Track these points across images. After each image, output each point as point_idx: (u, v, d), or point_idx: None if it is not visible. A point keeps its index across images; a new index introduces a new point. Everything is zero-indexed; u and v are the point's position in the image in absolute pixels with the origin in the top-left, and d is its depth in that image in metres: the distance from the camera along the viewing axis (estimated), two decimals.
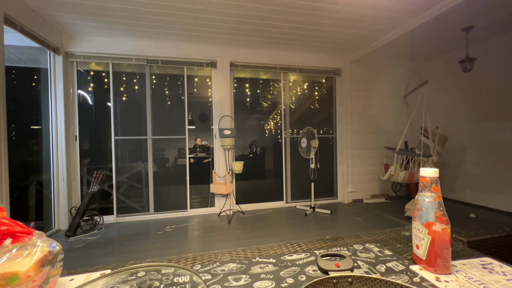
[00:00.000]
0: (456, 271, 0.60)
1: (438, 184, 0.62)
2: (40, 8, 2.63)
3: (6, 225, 0.48)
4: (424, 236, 0.61)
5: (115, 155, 3.52)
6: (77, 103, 3.38)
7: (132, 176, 3.70)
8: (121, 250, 2.52)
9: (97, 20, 2.90)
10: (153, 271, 0.60)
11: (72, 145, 3.34)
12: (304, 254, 0.70)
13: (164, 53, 3.55)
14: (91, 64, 3.51)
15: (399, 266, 0.62)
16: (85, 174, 3.51)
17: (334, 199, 4.43)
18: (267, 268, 0.63)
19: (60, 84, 3.13)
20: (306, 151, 3.79)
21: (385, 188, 4.53)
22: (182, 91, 3.77)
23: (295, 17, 2.91)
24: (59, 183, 3.13)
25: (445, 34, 3.42)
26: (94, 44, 3.32)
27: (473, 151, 3.86)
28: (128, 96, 3.69)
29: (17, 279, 0.43)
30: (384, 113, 4.48)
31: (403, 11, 2.83)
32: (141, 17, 2.84)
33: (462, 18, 2.99)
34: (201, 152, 5.77)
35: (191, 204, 3.80)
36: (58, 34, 3.10)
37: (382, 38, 3.50)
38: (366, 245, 0.76)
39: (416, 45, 3.64)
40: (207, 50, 3.71)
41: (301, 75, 4.30)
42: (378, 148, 4.33)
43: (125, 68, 3.63)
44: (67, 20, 2.88)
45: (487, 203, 3.66)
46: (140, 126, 3.66)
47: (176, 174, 3.95)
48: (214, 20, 2.94)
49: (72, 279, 0.59)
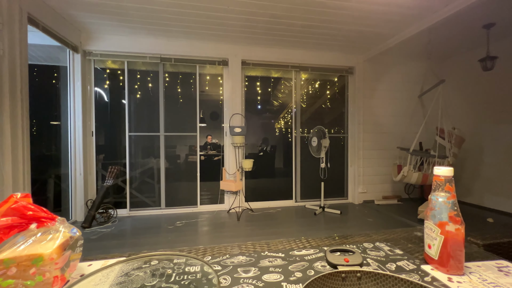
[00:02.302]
0: (470, 273, 0.58)
1: (452, 183, 0.61)
2: (60, 7, 2.74)
3: (32, 211, 0.51)
4: (436, 236, 0.60)
5: (129, 150, 3.62)
6: (94, 100, 3.50)
7: (144, 171, 3.79)
8: (134, 243, 2.61)
9: (113, 19, 2.99)
10: (165, 260, 0.63)
11: (89, 140, 3.46)
12: (313, 250, 0.70)
13: (177, 51, 3.61)
14: (107, 62, 3.63)
15: (409, 265, 0.62)
16: (100, 168, 3.63)
17: (344, 200, 4.38)
18: (275, 262, 0.64)
19: (79, 81, 3.25)
20: (317, 150, 3.76)
21: (397, 190, 4.43)
22: (194, 89, 3.83)
23: (307, 14, 2.88)
24: (76, 176, 3.26)
25: (465, 31, 3.28)
26: (110, 43, 3.43)
27: (492, 153, 3.70)
28: (142, 93, 3.78)
29: (41, 261, 0.46)
30: (398, 113, 4.37)
31: (420, 8, 2.74)
32: (155, 16, 2.90)
33: (483, 14, 2.86)
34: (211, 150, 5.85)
35: (201, 200, 3.86)
36: (76, 33, 3.22)
37: (397, 36, 3.40)
38: (376, 244, 0.75)
39: (433, 43, 3.52)
40: (219, 48, 3.74)
41: (313, 74, 4.25)
42: (391, 148, 4.23)
43: (139, 66, 3.72)
44: (85, 19, 2.99)
45: (506, 208, 3.50)
46: (153, 123, 3.74)
47: (187, 170, 4.02)
48: (226, 18, 2.96)
49: (90, 264, 0.63)
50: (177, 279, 0.53)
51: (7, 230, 0.49)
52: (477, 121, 3.90)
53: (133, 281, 0.52)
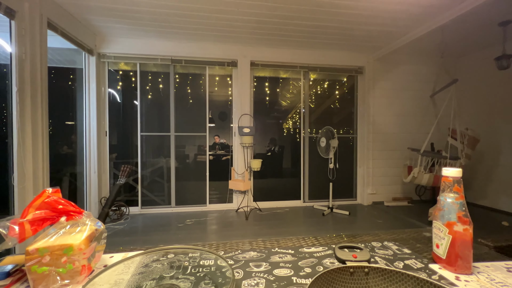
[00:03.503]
0: (478, 272, 0.59)
1: (461, 184, 0.62)
2: (77, 12, 2.85)
3: (62, 205, 0.56)
4: (444, 236, 0.61)
5: (140, 150, 3.72)
6: (107, 101, 3.62)
7: (155, 170, 3.89)
8: (146, 239, 2.68)
9: (126, 23, 3.09)
10: (181, 254, 0.66)
11: (103, 140, 3.58)
12: (322, 248, 0.72)
13: (187, 53, 3.69)
14: (120, 64, 3.74)
15: (417, 264, 0.63)
16: (112, 167, 3.75)
17: (353, 201, 4.34)
18: (286, 258, 0.66)
19: (93, 83, 3.37)
20: (325, 151, 3.75)
21: (408, 191, 4.35)
22: (203, 90, 3.89)
23: (316, 15, 2.88)
24: (91, 175, 3.38)
25: (479, 29, 3.20)
26: (124, 45, 3.53)
27: (507, 155, 3.59)
28: (153, 94, 3.88)
29: (72, 251, 0.50)
30: (409, 113, 4.29)
31: (433, 6, 2.69)
32: (167, 19, 2.98)
33: (499, 12, 2.78)
34: (219, 150, 5.91)
35: (210, 199, 3.92)
36: (92, 36, 3.33)
37: (408, 35, 3.35)
38: (385, 243, 0.76)
39: (446, 41, 3.44)
40: (228, 49, 3.79)
41: (322, 74, 4.24)
42: (401, 149, 4.16)
43: (150, 68, 3.82)
44: (100, 23, 3.09)
45: None
46: (164, 123, 3.83)
47: (196, 170, 4.09)
48: (235, 20, 3.00)
49: (111, 256, 0.67)
50: (192, 271, 0.57)
51: (41, 222, 0.53)
52: (492, 121, 3.78)
53: (152, 272, 0.56)
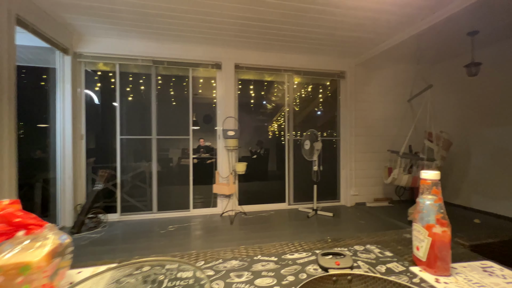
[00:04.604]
0: (456, 273, 0.60)
1: (439, 186, 0.63)
2: (51, 9, 2.69)
3: (20, 217, 0.50)
4: (424, 238, 0.62)
5: (120, 154, 3.57)
6: (84, 103, 3.44)
7: (136, 175, 3.74)
8: (125, 248, 2.56)
9: (105, 22, 2.96)
10: (157, 266, 0.62)
11: (79, 143, 3.39)
12: (305, 254, 0.71)
13: (169, 54, 3.60)
14: (98, 65, 3.58)
15: (399, 267, 0.63)
16: (90, 172, 3.56)
17: (337, 202, 4.42)
18: (268, 265, 0.64)
19: (68, 84, 3.19)
20: (309, 153, 3.79)
21: (388, 192, 4.50)
22: (187, 92, 3.81)
23: (299, 20, 2.92)
24: (65, 180, 3.19)
25: (451, 38, 3.40)
26: (102, 45, 3.39)
27: (478, 156, 3.82)
28: (133, 96, 3.74)
29: (29, 269, 0.45)
30: (389, 117, 4.46)
31: (409, 15, 2.82)
32: (148, 19, 2.89)
33: (467, 22, 2.97)
34: (204, 153, 5.81)
35: (193, 204, 3.83)
36: (67, 35, 3.17)
37: (387, 42, 3.49)
38: (367, 246, 0.76)
39: (422, 48, 3.62)
40: (212, 51, 3.74)
41: (306, 78, 4.31)
42: (382, 151, 4.30)
43: (131, 69, 3.69)
44: (77, 21, 2.95)
45: (492, 209, 3.61)
46: (145, 126, 3.70)
47: (180, 174, 3.98)
48: (219, 22, 2.98)
49: (79, 271, 0.61)
50: (169, 285, 0.53)
51: None
52: (464, 125, 4.02)
53: None
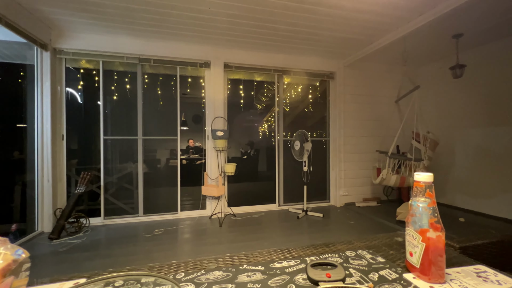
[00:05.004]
0: (451, 280, 0.58)
1: (432, 189, 0.60)
2: (27, 2, 2.54)
3: None
4: (418, 243, 0.59)
5: (103, 155, 3.42)
6: (65, 101, 3.28)
7: (122, 177, 3.60)
8: (107, 254, 2.44)
9: (87, 17, 2.83)
10: (132, 281, 0.56)
11: (59, 144, 3.23)
12: (294, 261, 0.67)
13: (156, 52, 3.49)
14: (81, 62, 3.42)
15: (392, 275, 0.60)
16: (73, 174, 3.40)
17: (326, 202, 4.43)
18: (254, 276, 0.59)
19: (48, 81, 3.03)
20: (299, 154, 3.78)
21: (377, 192, 4.56)
22: (175, 91, 3.71)
23: (289, 19, 2.90)
24: (44, 183, 3.02)
25: (436, 40, 3.48)
26: (84, 41, 3.24)
27: (462, 156, 3.93)
28: (119, 95, 3.61)
29: None
30: (377, 117, 4.52)
31: (396, 17, 2.86)
32: (133, 15, 2.78)
33: (452, 25, 3.05)
34: (193, 154, 5.70)
35: (182, 206, 3.73)
36: (46, 30, 3.01)
37: (375, 43, 3.53)
38: (359, 252, 0.73)
39: (408, 50, 3.69)
40: (201, 50, 3.67)
41: (295, 78, 4.30)
42: (371, 152, 4.36)
43: (116, 67, 3.55)
44: (56, 15, 2.80)
45: (476, 207, 3.72)
46: (131, 126, 3.57)
47: (167, 175, 3.87)
48: (208, 20, 2.91)
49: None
50: None
51: None
52: (449, 126, 4.13)
53: None
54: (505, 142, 3.31)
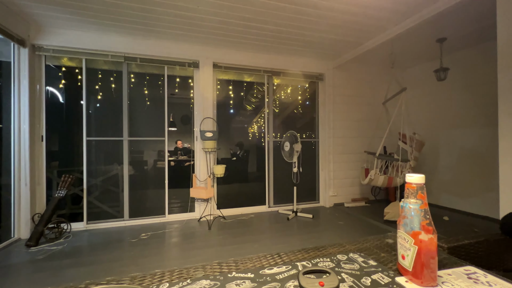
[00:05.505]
0: (442, 282, 0.57)
1: (424, 191, 0.59)
2: None
3: None
4: (410, 246, 0.58)
5: (86, 157, 3.28)
6: (44, 101, 3.12)
7: (107, 179, 3.47)
8: (89, 261, 2.32)
9: (69, 12, 2.71)
10: None
11: (38, 146, 3.06)
12: (285, 267, 0.64)
13: (143, 51, 3.40)
14: (62, 59, 3.27)
15: (384, 279, 0.59)
16: (54, 177, 3.24)
17: (316, 203, 4.45)
18: (243, 285, 0.56)
19: (25, 79, 2.87)
20: (289, 155, 3.78)
21: (365, 192, 4.63)
22: (163, 91, 3.62)
23: (278, 20, 2.90)
24: (21, 187, 2.85)
25: (422, 44, 3.58)
26: (66, 38, 3.10)
27: (447, 156, 4.06)
28: (103, 94, 3.47)
29: None
30: (365, 118, 4.60)
31: (384, 20, 2.92)
32: (117, 11, 2.69)
33: (436, 30, 3.14)
34: (182, 155, 5.59)
35: (169, 209, 3.63)
36: (24, 25, 2.85)
37: (363, 45, 3.59)
38: (350, 255, 0.72)
39: (395, 53, 3.78)
40: (190, 49, 3.60)
41: (285, 79, 4.30)
42: (359, 152, 4.42)
43: (100, 65, 3.42)
44: (35, 10, 2.66)
45: (459, 206, 3.84)
46: (117, 126, 3.45)
47: (155, 177, 3.76)
48: (197, 18, 2.86)
49: None
50: None
51: None
52: (434, 127, 4.25)
53: None
54: (486, 143, 3.44)
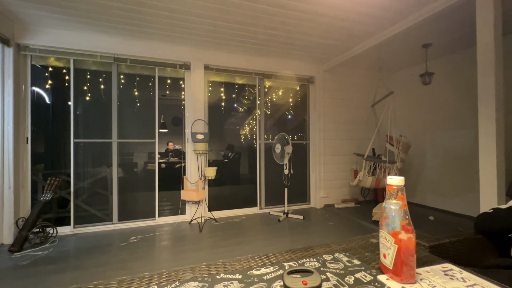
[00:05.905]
0: (421, 279, 0.60)
1: (403, 192, 0.62)
2: None
3: None
4: (391, 245, 0.60)
5: (74, 159, 3.21)
6: (30, 102, 3.03)
7: (95, 182, 3.40)
8: (76, 266, 2.27)
9: (56, 11, 2.65)
10: None
11: (22, 148, 2.98)
12: (273, 268, 0.66)
13: (133, 52, 3.36)
14: (49, 59, 3.20)
15: (367, 277, 0.61)
16: (40, 180, 3.15)
17: (307, 205, 4.50)
18: (231, 286, 0.57)
19: (10, 79, 2.79)
20: (280, 157, 3.81)
21: (355, 193, 4.71)
22: (153, 93, 3.59)
23: (270, 23, 2.93)
24: (4, 190, 2.76)
25: (408, 49, 3.70)
26: (53, 37, 3.03)
27: (432, 158, 4.19)
28: (92, 95, 3.41)
29: None
30: (355, 121, 4.69)
31: (372, 26, 3.00)
32: (107, 11, 2.65)
33: (422, 35, 3.26)
34: (173, 157, 5.54)
35: (160, 212, 3.59)
36: (8, 24, 2.77)
37: (352, 49, 3.68)
38: (336, 255, 0.74)
39: (383, 57, 3.88)
40: (181, 51, 3.58)
41: (276, 82, 4.34)
42: (349, 154, 4.50)
43: (89, 66, 3.36)
44: (20, 8, 2.59)
45: (444, 206, 3.97)
46: (106, 128, 3.39)
47: (145, 180, 3.72)
48: (188, 20, 2.85)
49: None
50: None
51: None
52: (419, 129, 4.39)
53: None
54: (469, 144, 3.58)
